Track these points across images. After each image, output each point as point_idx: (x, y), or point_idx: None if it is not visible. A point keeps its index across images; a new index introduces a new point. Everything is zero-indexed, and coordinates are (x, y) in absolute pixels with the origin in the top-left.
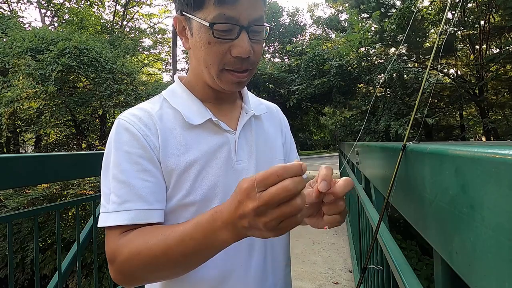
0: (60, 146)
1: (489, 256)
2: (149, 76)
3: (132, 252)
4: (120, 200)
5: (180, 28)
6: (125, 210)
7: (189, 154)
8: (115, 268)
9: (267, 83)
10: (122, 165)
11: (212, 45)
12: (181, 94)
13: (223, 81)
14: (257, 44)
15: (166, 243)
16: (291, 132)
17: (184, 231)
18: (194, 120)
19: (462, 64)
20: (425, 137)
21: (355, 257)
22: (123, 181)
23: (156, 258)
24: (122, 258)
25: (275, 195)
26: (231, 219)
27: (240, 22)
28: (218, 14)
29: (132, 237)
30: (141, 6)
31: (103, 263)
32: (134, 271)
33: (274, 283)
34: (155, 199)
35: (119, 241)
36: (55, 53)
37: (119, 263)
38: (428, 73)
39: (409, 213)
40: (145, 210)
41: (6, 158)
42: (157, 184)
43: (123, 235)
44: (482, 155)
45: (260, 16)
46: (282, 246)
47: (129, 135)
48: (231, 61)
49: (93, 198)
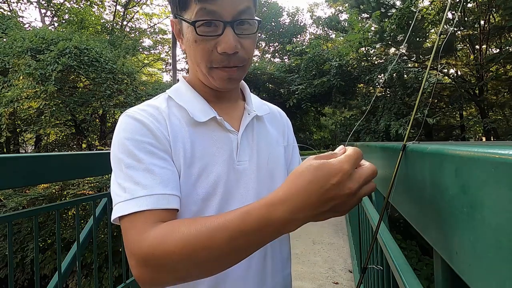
0: (60, 146)
1: (489, 256)
2: (149, 76)
3: (172, 246)
4: (139, 186)
5: (176, 31)
6: (146, 195)
7: (193, 151)
8: (146, 265)
9: (267, 83)
10: (136, 154)
11: (198, 43)
12: (186, 93)
13: (215, 78)
14: (245, 39)
15: (207, 234)
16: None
17: (230, 221)
18: (199, 117)
19: (462, 64)
20: (425, 137)
21: (355, 257)
22: (141, 169)
23: (197, 250)
24: (157, 253)
25: (370, 176)
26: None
27: (223, 17)
28: (199, 9)
29: (166, 229)
30: (141, 6)
31: (103, 263)
32: (172, 267)
33: (273, 284)
34: (175, 186)
35: (150, 235)
36: (55, 53)
37: (152, 258)
38: (428, 73)
39: (409, 213)
40: (167, 195)
41: (6, 158)
42: (174, 172)
43: (153, 226)
44: (482, 155)
45: (246, 7)
46: (281, 247)
47: (141, 125)
48: (218, 58)
49: (93, 198)
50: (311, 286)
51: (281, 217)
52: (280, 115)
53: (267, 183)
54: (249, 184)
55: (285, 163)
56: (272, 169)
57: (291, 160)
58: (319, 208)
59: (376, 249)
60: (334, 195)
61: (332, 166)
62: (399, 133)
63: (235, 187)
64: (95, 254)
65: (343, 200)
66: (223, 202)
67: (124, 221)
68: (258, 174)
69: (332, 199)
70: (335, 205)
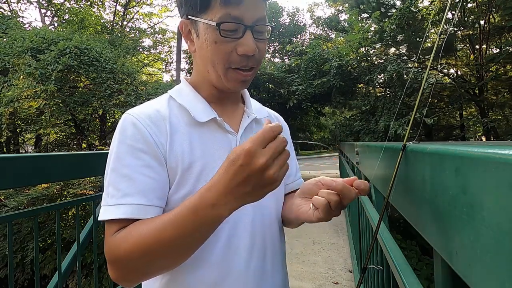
0: (60, 146)
1: (489, 256)
2: (149, 76)
3: (129, 245)
4: (120, 193)
5: (185, 32)
6: (124, 204)
7: (193, 152)
8: (114, 266)
9: (267, 83)
10: (124, 158)
11: (218, 44)
12: (189, 94)
13: (229, 79)
14: (261, 43)
15: (157, 228)
16: (291, 133)
17: (174, 214)
18: (200, 117)
19: (462, 64)
20: (425, 137)
21: (355, 257)
22: (124, 175)
23: (150, 245)
24: (119, 254)
25: (279, 147)
26: (229, 188)
27: (244, 21)
28: (224, 14)
29: (127, 231)
30: (141, 6)
31: (103, 263)
32: (133, 266)
33: (274, 284)
34: (155, 195)
35: (116, 237)
36: (55, 52)
37: (116, 259)
38: (428, 73)
39: (409, 213)
40: (144, 206)
41: (6, 158)
42: (159, 181)
43: (119, 232)
44: (482, 155)
45: (263, 16)
46: (280, 246)
47: (135, 130)
48: (236, 60)
49: (93, 198)
50: (311, 286)
51: (208, 202)
52: (278, 119)
53: None
54: None
55: None
56: None
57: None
58: (240, 189)
59: (376, 249)
60: (248, 174)
61: (237, 149)
62: (398, 133)
63: None
64: (95, 254)
65: (260, 176)
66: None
67: (105, 224)
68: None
69: (248, 178)
70: (255, 184)
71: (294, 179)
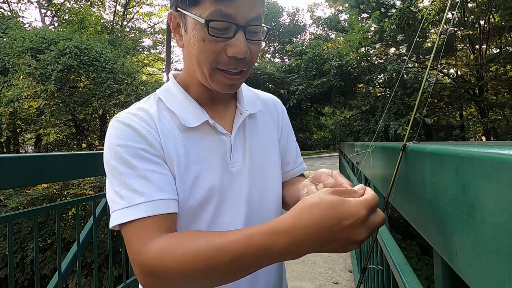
0: (60, 146)
1: (489, 256)
2: (149, 76)
3: (175, 259)
4: (136, 194)
5: (174, 25)
6: (144, 202)
7: (187, 156)
8: (154, 274)
9: (267, 83)
10: (129, 161)
11: (206, 42)
12: (176, 94)
13: (215, 81)
14: (253, 45)
15: (210, 255)
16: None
17: (234, 251)
18: (191, 123)
19: (462, 64)
20: (425, 137)
21: (355, 257)
22: (136, 176)
23: (200, 270)
24: (164, 266)
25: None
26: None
27: (237, 20)
28: (214, 10)
29: (171, 240)
30: (141, 6)
31: (103, 263)
32: (176, 279)
33: (267, 282)
34: (171, 189)
35: (154, 246)
36: (55, 52)
37: (159, 270)
38: (428, 73)
39: (409, 213)
40: (165, 200)
41: (6, 158)
42: (169, 176)
43: (155, 236)
44: (482, 155)
45: (258, 15)
46: None
47: (132, 131)
48: (225, 61)
49: (93, 198)
50: (311, 286)
51: (281, 248)
52: (275, 104)
53: (259, 184)
54: (242, 186)
55: (278, 159)
56: (265, 169)
57: (286, 148)
58: (322, 245)
59: (376, 249)
60: (342, 237)
61: (349, 208)
62: (397, 133)
63: (229, 189)
64: (95, 254)
65: (349, 242)
66: (218, 205)
67: (125, 229)
68: (251, 175)
69: (339, 240)
70: (339, 245)
71: (294, 166)
